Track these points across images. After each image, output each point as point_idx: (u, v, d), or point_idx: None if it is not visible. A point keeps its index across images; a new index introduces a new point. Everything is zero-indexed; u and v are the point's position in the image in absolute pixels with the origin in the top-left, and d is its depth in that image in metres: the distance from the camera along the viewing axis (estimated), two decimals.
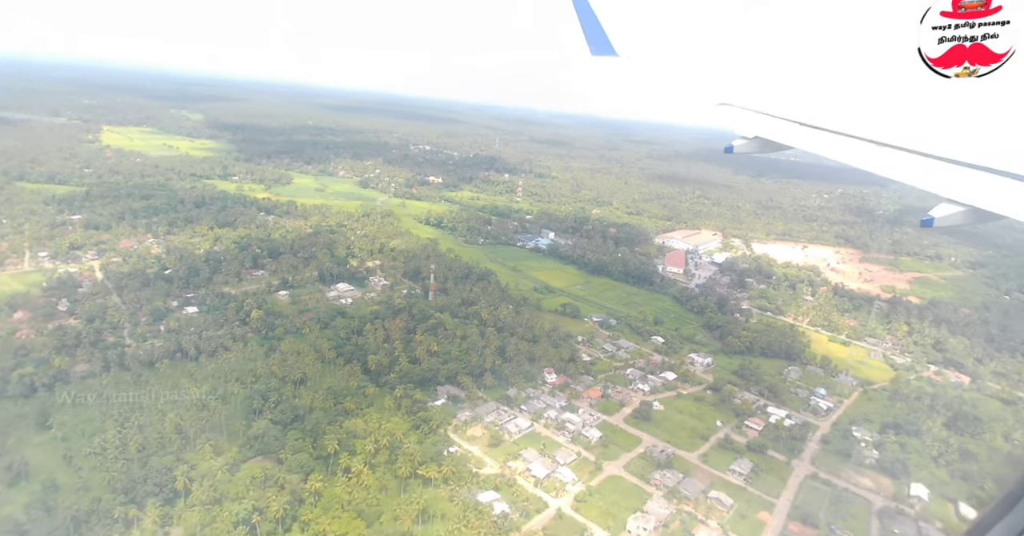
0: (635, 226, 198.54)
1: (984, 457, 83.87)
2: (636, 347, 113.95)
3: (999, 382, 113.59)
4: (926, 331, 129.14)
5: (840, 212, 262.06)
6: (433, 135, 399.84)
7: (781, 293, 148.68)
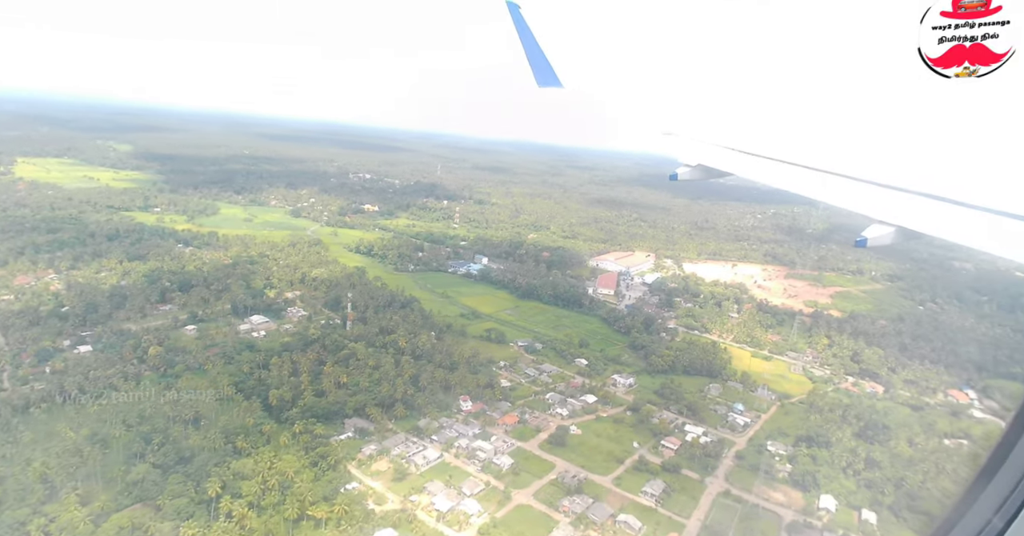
0: (569, 249, 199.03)
1: (887, 464, 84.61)
2: (559, 371, 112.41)
3: (909, 389, 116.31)
4: (845, 343, 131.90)
5: (771, 231, 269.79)
6: (374, 163, 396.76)
7: (707, 311, 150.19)
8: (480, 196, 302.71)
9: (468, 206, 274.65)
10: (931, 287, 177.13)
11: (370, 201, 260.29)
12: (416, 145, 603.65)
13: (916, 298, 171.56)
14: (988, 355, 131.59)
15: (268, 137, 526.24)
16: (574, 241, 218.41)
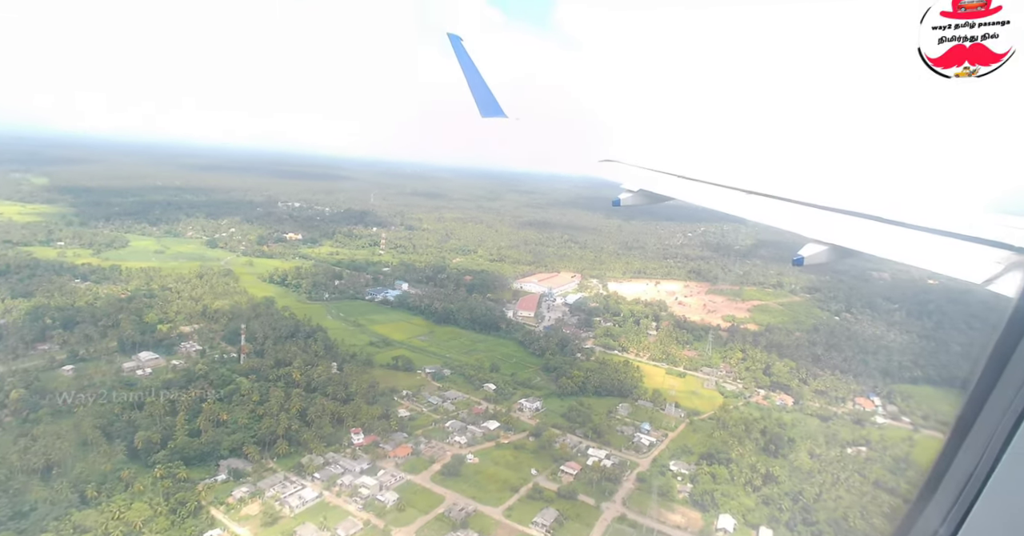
0: (493, 273, 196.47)
1: (786, 478, 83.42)
2: (465, 397, 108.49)
3: (819, 400, 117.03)
4: (758, 357, 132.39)
5: (698, 249, 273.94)
6: (307, 192, 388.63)
7: (626, 330, 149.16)
8: (412, 222, 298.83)
9: (397, 232, 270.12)
10: (846, 298, 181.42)
11: (294, 229, 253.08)
12: (357, 173, 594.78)
13: (832, 309, 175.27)
14: (894, 361, 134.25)
15: (202, 167, 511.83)
16: (500, 264, 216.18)
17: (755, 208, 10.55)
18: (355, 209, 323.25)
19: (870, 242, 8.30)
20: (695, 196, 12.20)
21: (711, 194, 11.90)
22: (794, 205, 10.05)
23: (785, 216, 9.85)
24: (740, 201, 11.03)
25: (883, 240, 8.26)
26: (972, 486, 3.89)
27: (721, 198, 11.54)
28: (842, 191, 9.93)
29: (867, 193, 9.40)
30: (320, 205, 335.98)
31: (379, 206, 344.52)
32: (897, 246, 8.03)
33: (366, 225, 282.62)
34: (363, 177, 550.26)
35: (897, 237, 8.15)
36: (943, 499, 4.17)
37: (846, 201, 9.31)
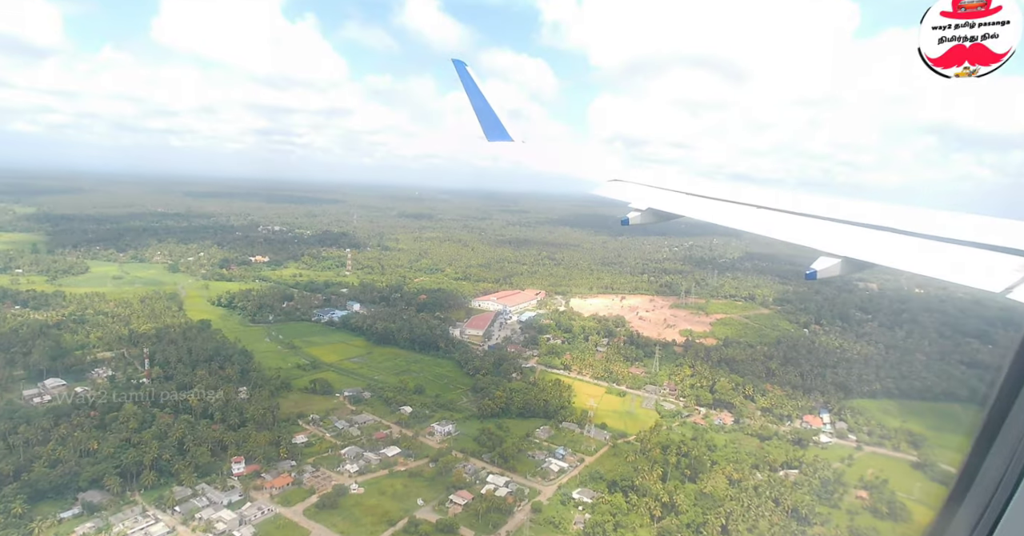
0: (451, 291, 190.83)
1: (690, 506, 75.77)
2: (377, 420, 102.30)
3: (763, 418, 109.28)
4: (707, 373, 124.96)
5: (679, 263, 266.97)
6: (294, 215, 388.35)
7: (574, 347, 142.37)
8: (389, 242, 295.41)
9: (371, 253, 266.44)
10: (818, 309, 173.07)
11: (264, 252, 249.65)
12: (357, 198, 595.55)
13: (800, 321, 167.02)
14: (854, 375, 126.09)
15: (201, 194, 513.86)
16: (465, 282, 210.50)
17: (765, 223, 10.44)
18: (334, 231, 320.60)
19: (883, 253, 8.19)
20: (703, 213, 12.14)
21: (719, 211, 11.90)
22: (804, 218, 9.97)
23: (795, 230, 9.73)
24: (749, 216, 10.96)
25: (896, 251, 8.11)
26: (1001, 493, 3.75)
27: (730, 214, 11.46)
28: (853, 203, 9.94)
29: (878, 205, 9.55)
30: (301, 228, 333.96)
31: (360, 228, 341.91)
32: (910, 257, 7.83)
33: (340, 247, 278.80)
34: (357, 201, 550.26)
35: (910, 248, 8.01)
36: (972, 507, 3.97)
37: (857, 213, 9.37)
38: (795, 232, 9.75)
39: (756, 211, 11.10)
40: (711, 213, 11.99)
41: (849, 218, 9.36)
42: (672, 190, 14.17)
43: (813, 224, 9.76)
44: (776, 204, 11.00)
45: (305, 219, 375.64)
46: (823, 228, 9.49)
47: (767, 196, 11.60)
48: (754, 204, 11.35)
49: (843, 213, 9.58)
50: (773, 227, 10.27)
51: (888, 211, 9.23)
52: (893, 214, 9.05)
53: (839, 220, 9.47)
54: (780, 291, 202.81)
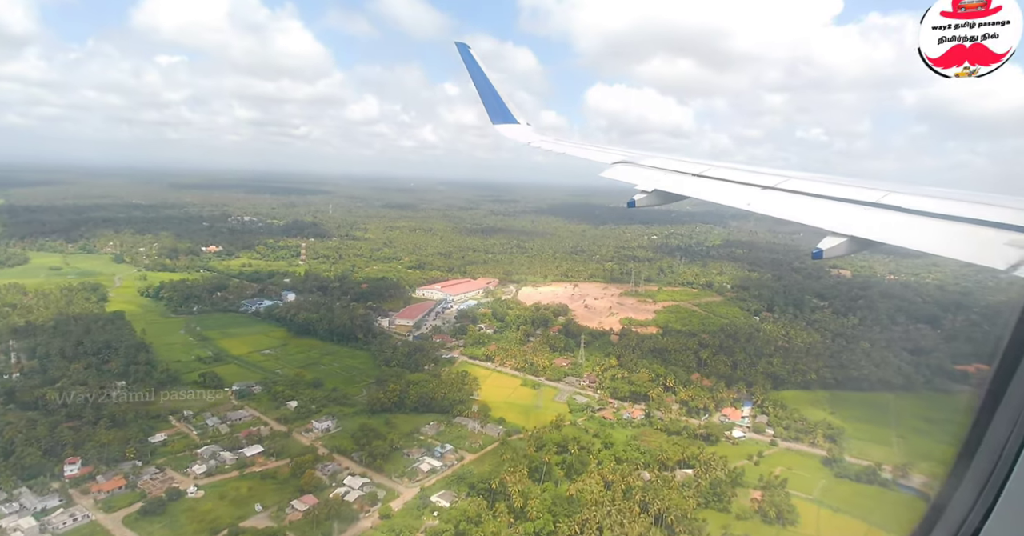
0: (395, 280, 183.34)
1: (544, 511, 67.86)
2: (255, 416, 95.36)
3: (677, 412, 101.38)
4: (634, 364, 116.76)
5: (651, 251, 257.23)
6: (271, 206, 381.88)
7: (504, 337, 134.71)
8: (358, 232, 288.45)
9: (334, 242, 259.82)
10: (773, 297, 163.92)
11: (221, 242, 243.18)
12: (345, 188, 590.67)
13: (752, 308, 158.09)
14: (790, 365, 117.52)
15: (187, 186, 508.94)
16: (418, 271, 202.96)
17: (771, 203, 10.55)
18: (305, 221, 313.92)
19: (888, 232, 8.27)
20: (710, 194, 12.26)
21: (726, 191, 11.96)
22: (810, 198, 10.12)
23: (801, 210, 9.85)
24: (756, 197, 11.08)
25: (901, 230, 8.18)
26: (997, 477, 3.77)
27: (736, 195, 11.57)
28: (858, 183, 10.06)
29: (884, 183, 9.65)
30: (274, 218, 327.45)
31: (334, 218, 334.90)
32: (915, 235, 7.90)
33: (306, 236, 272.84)
34: (347, 192, 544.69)
35: (916, 226, 8.06)
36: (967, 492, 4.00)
37: (863, 193, 9.49)
38: (801, 212, 9.82)
39: (763, 192, 11.17)
40: (717, 194, 12.03)
41: (855, 197, 9.46)
42: (679, 172, 14.18)
43: (819, 204, 9.86)
44: (783, 185, 11.07)
45: (282, 209, 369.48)
46: (829, 208, 9.61)
47: (774, 177, 11.69)
48: (761, 185, 11.43)
49: (849, 193, 9.72)
50: (779, 207, 10.32)
51: (893, 190, 9.40)
52: (898, 193, 9.23)
53: (845, 200, 9.59)
54: (743, 278, 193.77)
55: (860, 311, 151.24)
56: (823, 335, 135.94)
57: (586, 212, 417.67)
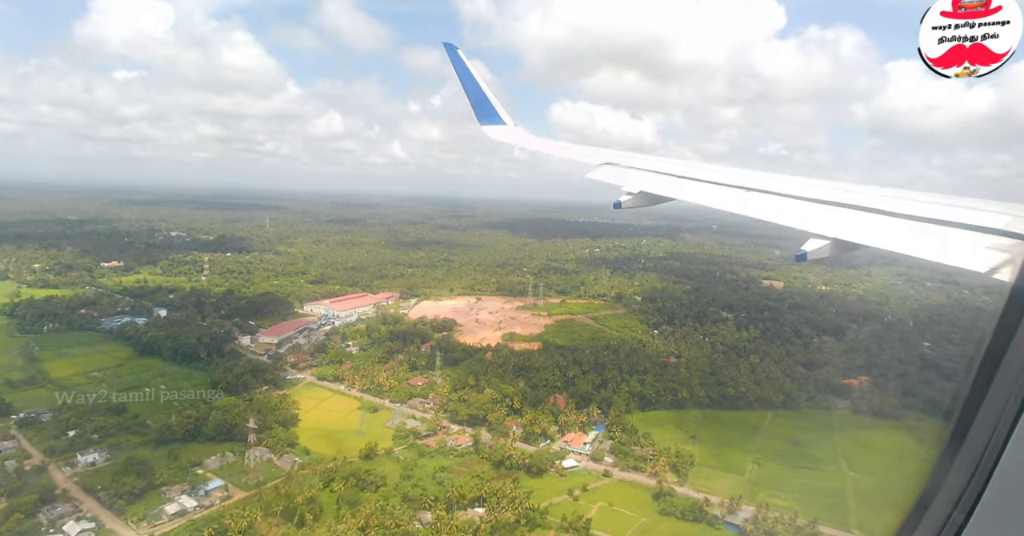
0: (280, 295, 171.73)
1: None
2: (21, 448, 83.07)
3: (515, 437, 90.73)
4: (490, 383, 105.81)
5: (581, 264, 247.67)
6: (210, 222, 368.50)
7: (366, 355, 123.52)
8: (282, 247, 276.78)
9: (252, 256, 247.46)
10: (676, 308, 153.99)
11: (125, 258, 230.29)
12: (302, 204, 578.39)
13: (652, 321, 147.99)
14: (664, 383, 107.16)
15: (133, 202, 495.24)
16: (322, 286, 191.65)
17: (755, 205, 10.63)
18: (234, 236, 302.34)
19: (872, 235, 8.41)
20: (695, 195, 12.28)
21: (711, 193, 12.05)
22: (795, 201, 10.26)
23: (785, 212, 9.97)
24: (740, 198, 11.23)
25: (885, 232, 8.36)
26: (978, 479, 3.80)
27: (721, 196, 11.69)
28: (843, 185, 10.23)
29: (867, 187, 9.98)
30: (204, 233, 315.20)
31: (268, 233, 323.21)
32: (899, 238, 7.96)
33: (226, 251, 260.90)
34: (301, 208, 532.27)
35: (899, 229, 8.17)
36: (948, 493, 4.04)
37: (847, 195, 9.71)
38: (785, 214, 9.87)
39: (747, 193, 11.29)
40: (702, 196, 12.11)
41: (840, 200, 9.56)
42: (665, 174, 14.41)
43: (803, 206, 9.97)
44: (768, 186, 11.15)
45: (221, 225, 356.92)
46: (813, 209, 9.70)
47: (759, 179, 11.90)
48: (746, 186, 11.58)
49: (834, 195, 9.80)
50: (764, 209, 10.36)
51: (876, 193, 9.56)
52: (881, 196, 9.39)
53: (830, 202, 9.68)
54: (658, 289, 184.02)
55: (764, 323, 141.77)
56: (714, 349, 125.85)
57: (539, 226, 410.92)
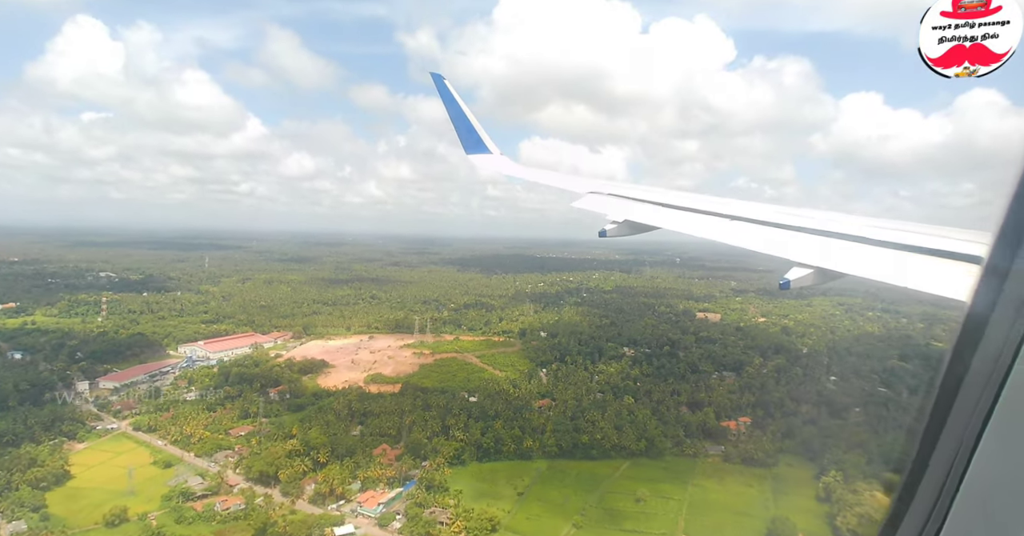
0: (152, 336, 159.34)
1: None
2: None
3: (302, 497, 77.06)
4: (315, 433, 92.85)
5: (509, 299, 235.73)
6: (151, 263, 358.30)
7: (201, 402, 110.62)
8: (207, 286, 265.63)
9: (164, 296, 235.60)
10: (567, 346, 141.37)
11: (25, 298, 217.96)
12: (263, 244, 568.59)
13: (542, 359, 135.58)
14: (516, 428, 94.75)
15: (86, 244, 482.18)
16: (215, 325, 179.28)
17: (738, 234, 10.76)
18: (161, 276, 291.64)
19: (855, 264, 8.49)
20: (679, 224, 12.46)
21: (695, 222, 12.35)
22: (778, 229, 10.32)
23: (769, 240, 10.00)
24: (724, 227, 11.30)
25: (867, 261, 8.43)
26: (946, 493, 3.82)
27: (705, 225, 11.87)
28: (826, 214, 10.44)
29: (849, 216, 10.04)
30: (134, 274, 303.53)
31: (201, 272, 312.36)
32: (879, 267, 8.11)
33: (150, 291, 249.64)
34: (264, 247, 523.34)
35: (880, 258, 8.33)
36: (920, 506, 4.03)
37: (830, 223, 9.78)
38: (768, 242, 9.90)
39: (731, 223, 11.38)
40: (686, 225, 12.29)
41: (823, 228, 9.60)
42: (650, 202, 14.53)
43: (786, 235, 9.98)
44: (751, 215, 11.31)
45: (160, 265, 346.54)
46: (796, 238, 9.72)
47: (742, 207, 11.98)
48: (729, 215, 11.68)
49: (817, 224, 9.85)
50: (746, 238, 10.45)
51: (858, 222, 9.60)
52: (863, 224, 9.39)
53: (812, 230, 9.72)
54: (565, 325, 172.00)
55: (662, 358, 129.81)
56: (589, 390, 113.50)
57: (498, 262, 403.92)
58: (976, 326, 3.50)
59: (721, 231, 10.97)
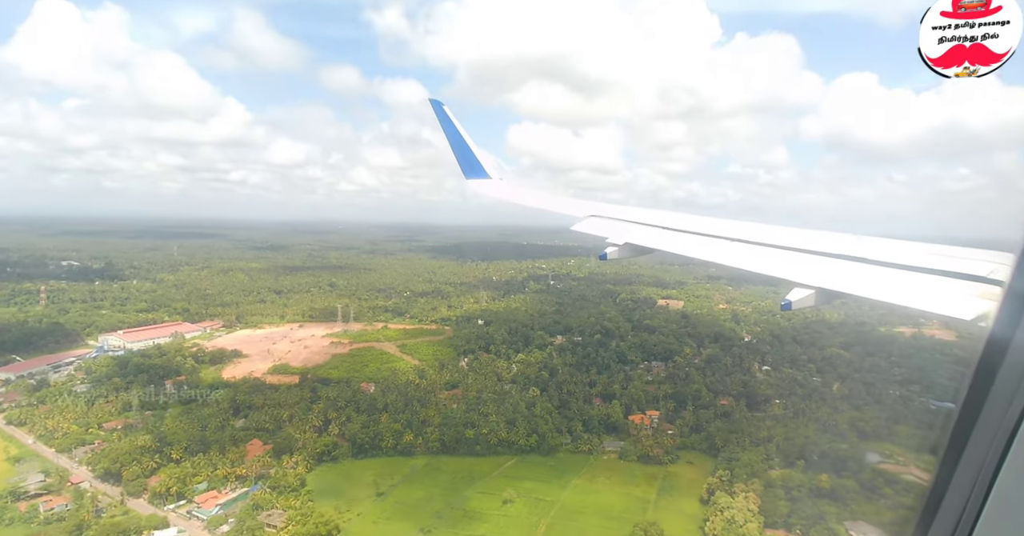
0: (67, 326, 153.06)
1: None
2: None
3: (141, 497, 70.82)
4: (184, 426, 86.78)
5: (471, 287, 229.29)
6: (122, 251, 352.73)
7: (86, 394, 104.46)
8: (163, 274, 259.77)
9: (113, 284, 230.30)
10: (494, 335, 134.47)
11: None
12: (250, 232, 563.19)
13: (466, 348, 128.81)
14: (403, 422, 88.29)
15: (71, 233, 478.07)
16: (148, 313, 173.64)
17: (740, 255, 10.67)
18: (120, 264, 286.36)
19: (856, 284, 8.34)
20: (680, 246, 12.27)
21: (696, 244, 12.12)
22: (778, 250, 10.23)
23: (770, 261, 9.95)
24: (725, 249, 11.23)
25: (868, 281, 8.35)
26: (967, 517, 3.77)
27: (706, 247, 11.76)
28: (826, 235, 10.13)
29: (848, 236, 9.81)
30: (98, 262, 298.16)
31: (163, 260, 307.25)
32: (883, 287, 7.97)
33: (104, 280, 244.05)
34: (245, 235, 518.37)
35: (882, 277, 8.22)
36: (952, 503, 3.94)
37: (830, 244, 9.57)
38: (769, 264, 9.86)
39: (731, 244, 11.31)
40: (687, 246, 12.11)
41: (823, 249, 9.49)
42: (650, 225, 14.45)
43: (787, 255, 9.94)
44: (751, 236, 11.17)
45: (131, 254, 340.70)
46: (796, 259, 9.64)
47: (741, 228, 11.91)
48: (729, 237, 11.59)
49: (817, 244, 9.74)
50: (747, 259, 10.37)
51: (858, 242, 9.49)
52: (863, 244, 9.33)
53: (811, 251, 9.63)
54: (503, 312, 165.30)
55: (591, 347, 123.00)
56: (500, 379, 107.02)
57: (478, 250, 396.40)
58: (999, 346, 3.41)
59: (723, 253, 11.02)
